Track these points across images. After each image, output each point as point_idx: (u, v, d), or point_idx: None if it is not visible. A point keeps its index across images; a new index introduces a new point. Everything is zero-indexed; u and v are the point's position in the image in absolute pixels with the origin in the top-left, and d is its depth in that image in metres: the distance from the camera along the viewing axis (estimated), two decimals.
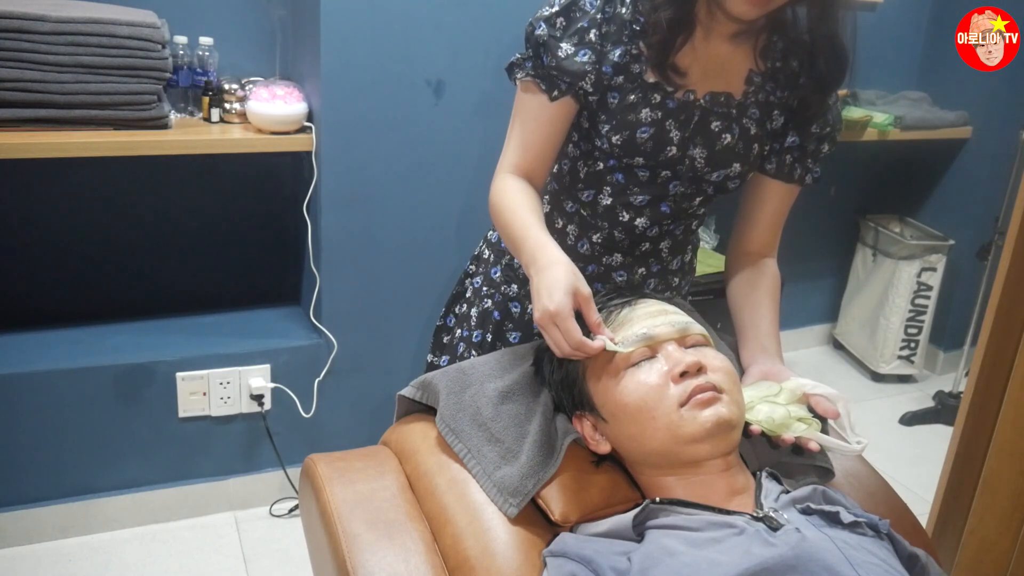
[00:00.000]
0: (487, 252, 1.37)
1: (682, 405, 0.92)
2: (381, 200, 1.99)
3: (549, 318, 0.94)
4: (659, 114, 1.11)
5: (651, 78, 1.11)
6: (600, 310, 1.01)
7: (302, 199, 2.00)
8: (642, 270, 1.26)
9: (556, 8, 1.10)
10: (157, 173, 2.08)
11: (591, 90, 1.11)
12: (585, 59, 1.09)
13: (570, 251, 1.17)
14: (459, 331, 1.39)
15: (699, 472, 0.95)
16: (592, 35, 1.09)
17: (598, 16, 1.09)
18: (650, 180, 1.17)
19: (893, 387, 3.04)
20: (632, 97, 1.11)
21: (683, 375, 0.93)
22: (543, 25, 1.10)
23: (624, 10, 1.10)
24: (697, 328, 1.01)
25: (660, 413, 0.92)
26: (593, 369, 0.99)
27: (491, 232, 1.37)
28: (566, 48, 1.09)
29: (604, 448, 1.00)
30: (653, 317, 0.99)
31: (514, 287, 1.31)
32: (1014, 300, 1.33)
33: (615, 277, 1.26)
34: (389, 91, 1.90)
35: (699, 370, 0.94)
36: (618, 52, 1.10)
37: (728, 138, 1.14)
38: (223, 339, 2.07)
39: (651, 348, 0.96)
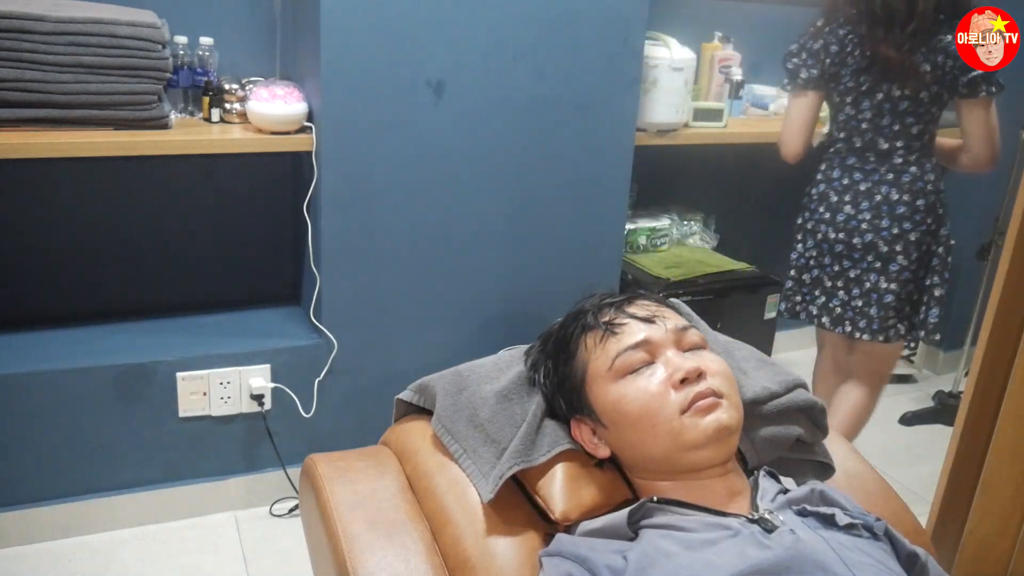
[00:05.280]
0: None
1: (683, 412, 0.92)
2: (381, 200, 1.99)
3: None
4: None
5: None
6: (599, 310, 1.01)
7: (302, 199, 2.00)
8: None
9: None
10: (157, 173, 2.08)
11: None
12: None
13: None
14: None
15: (697, 477, 0.95)
16: None
17: None
18: None
19: (893, 387, 3.04)
20: None
21: (683, 382, 0.93)
22: None
23: None
24: (694, 331, 1.01)
25: (661, 420, 0.92)
26: (593, 375, 0.99)
27: None
28: None
29: (603, 452, 1.00)
30: (650, 322, 0.99)
31: None
32: (1014, 300, 1.33)
33: None
34: (389, 91, 1.90)
35: (699, 375, 0.94)
36: None
37: None
38: (223, 339, 2.07)
39: (650, 354, 0.96)
